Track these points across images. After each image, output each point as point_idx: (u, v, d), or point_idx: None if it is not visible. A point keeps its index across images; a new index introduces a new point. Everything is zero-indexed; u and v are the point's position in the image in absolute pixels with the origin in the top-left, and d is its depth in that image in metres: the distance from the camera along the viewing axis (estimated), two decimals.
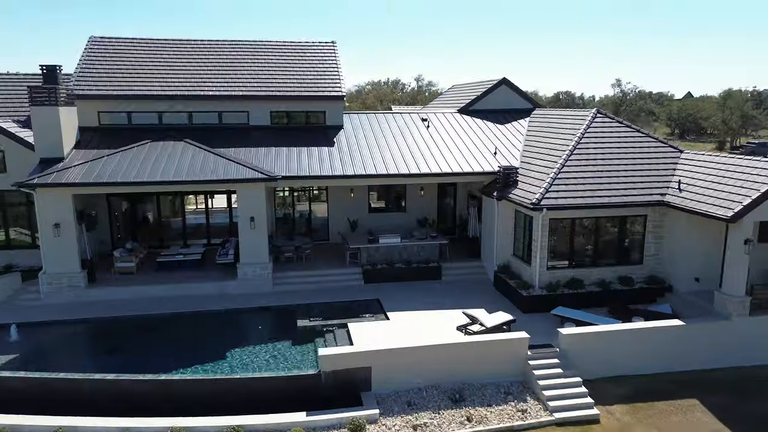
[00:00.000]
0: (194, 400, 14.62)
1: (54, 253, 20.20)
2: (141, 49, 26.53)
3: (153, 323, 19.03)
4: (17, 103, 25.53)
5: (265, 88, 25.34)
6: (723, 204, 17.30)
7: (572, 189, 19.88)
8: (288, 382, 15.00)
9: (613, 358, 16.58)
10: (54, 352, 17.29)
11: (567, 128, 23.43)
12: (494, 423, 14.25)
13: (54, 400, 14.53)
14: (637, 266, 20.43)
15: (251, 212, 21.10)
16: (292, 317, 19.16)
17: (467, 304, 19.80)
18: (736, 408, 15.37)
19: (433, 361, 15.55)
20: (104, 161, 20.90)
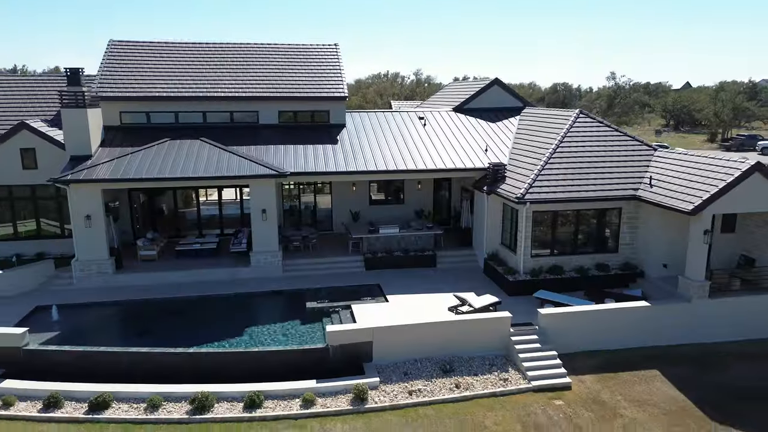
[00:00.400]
0: (219, 370, 16.77)
1: (85, 242, 22.31)
2: (157, 52, 28.47)
3: (176, 305, 21.19)
4: (43, 102, 27.48)
5: (273, 89, 27.33)
6: (686, 198, 19.38)
7: (554, 184, 21.93)
8: (300, 355, 17.17)
9: (586, 335, 18.73)
10: (90, 330, 19.42)
11: (552, 127, 25.45)
12: (479, 389, 16.43)
13: (96, 370, 16.70)
14: (613, 254, 22.56)
15: (263, 205, 23.19)
16: (302, 300, 21.31)
17: (459, 288, 21.95)
18: (693, 378, 17.54)
19: (427, 336, 17.71)
20: (128, 159, 22.95)
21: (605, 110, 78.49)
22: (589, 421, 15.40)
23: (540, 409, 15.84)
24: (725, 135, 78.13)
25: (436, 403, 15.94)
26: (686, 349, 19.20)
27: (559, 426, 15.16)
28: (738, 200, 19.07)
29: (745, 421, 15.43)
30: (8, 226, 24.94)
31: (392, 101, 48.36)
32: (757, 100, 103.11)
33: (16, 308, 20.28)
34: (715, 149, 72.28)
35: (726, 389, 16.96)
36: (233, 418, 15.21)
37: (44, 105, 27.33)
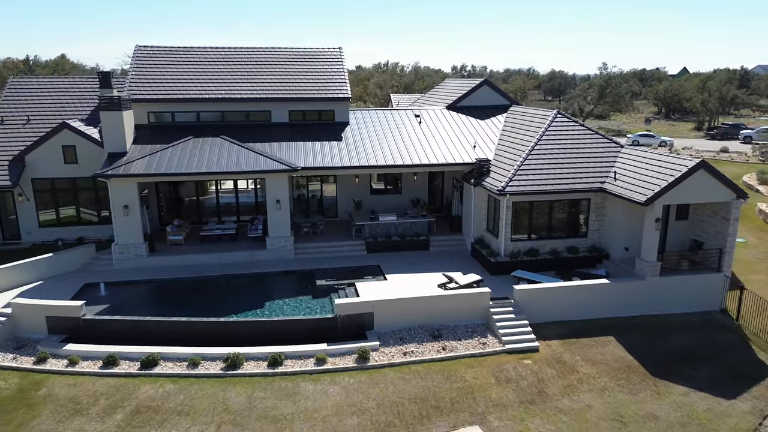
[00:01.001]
0: (246, 336, 20.14)
1: (123, 229, 25.61)
2: (179, 57, 31.54)
3: (203, 283, 24.57)
4: (78, 102, 30.65)
5: (284, 91, 30.44)
6: (641, 191, 22.64)
7: (532, 178, 25.17)
8: (313, 323, 20.57)
9: (554, 307, 22.10)
10: (132, 304, 22.75)
11: (532, 126, 28.62)
12: (462, 351, 19.85)
13: (142, 335, 20.07)
14: (582, 239, 25.89)
15: (277, 196, 26.45)
16: (312, 278, 24.68)
17: (448, 268, 25.30)
18: (641, 343, 20.93)
19: (419, 308, 21.09)
20: (159, 155, 26.17)
21: (597, 99, 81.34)
22: (551, 376, 18.84)
23: (511, 367, 19.28)
24: (711, 124, 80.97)
25: (426, 362, 19.37)
26: (639, 319, 22.58)
27: (525, 379, 18.60)
28: (685, 193, 22.35)
29: (676, 376, 18.87)
30: (51, 213, 28.22)
31: (392, 95, 51.35)
32: (746, 88, 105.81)
33: (68, 285, 23.67)
34: (701, 138, 75.36)
35: (667, 352, 20.38)
36: (259, 373, 18.63)
37: (79, 105, 30.51)
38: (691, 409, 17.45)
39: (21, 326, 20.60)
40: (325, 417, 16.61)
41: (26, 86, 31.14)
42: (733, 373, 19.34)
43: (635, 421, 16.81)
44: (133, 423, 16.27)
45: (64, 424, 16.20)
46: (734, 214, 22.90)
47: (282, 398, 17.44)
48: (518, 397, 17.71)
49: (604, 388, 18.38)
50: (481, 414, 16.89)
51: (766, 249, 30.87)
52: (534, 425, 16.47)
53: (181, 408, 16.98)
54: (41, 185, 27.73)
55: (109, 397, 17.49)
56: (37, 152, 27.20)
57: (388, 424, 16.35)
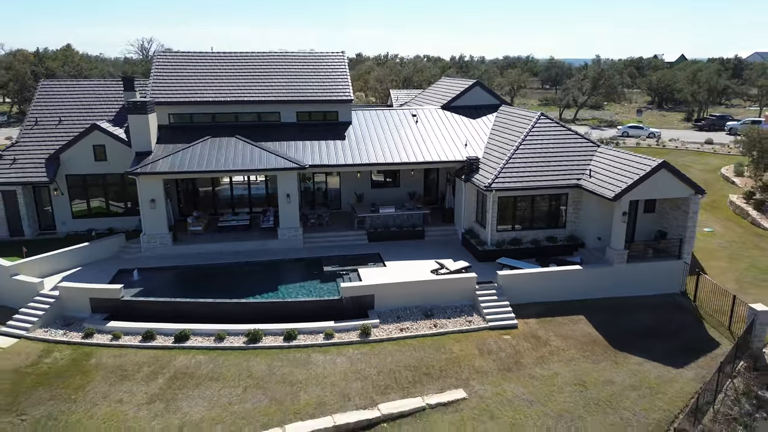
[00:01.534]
0: (263, 315, 23.22)
1: (150, 220, 28.61)
2: (195, 62, 34.33)
3: (222, 269, 27.61)
4: (104, 103, 33.47)
5: (292, 93, 33.28)
6: (611, 188, 25.62)
7: (516, 175, 28.12)
8: (322, 304, 23.66)
9: (533, 290, 25.17)
10: (162, 287, 25.77)
11: (518, 126, 31.51)
12: (450, 328, 22.97)
13: (174, 314, 23.14)
14: (560, 229, 28.91)
15: (287, 191, 29.41)
16: (320, 265, 27.75)
17: (440, 255, 28.37)
18: (607, 321, 24.02)
19: (414, 291, 24.18)
20: (181, 154, 29.09)
21: (591, 90, 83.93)
22: (526, 348, 21.99)
23: (492, 341, 22.42)
24: (699, 115, 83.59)
25: (419, 337, 22.51)
26: (607, 301, 25.67)
27: (504, 351, 21.75)
28: (649, 190, 25.34)
29: (635, 349, 22.01)
30: (83, 205, 31.18)
31: (391, 90, 54.09)
32: (738, 78, 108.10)
33: (104, 271, 26.73)
34: (689, 129, 78.10)
35: (629, 329, 23.50)
36: (277, 346, 21.77)
37: (105, 106, 33.35)
38: (643, 375, 20.60)
39: (67, 306, 23.71)
40: (334, 382, 19.76)
41: (56, 89, 33.95)
42: (684, 347, 22.47)
43: (595, 386, 19.97)
44: (173, 386, 19.43)
45: (116, 387, 19.37)
46: (693, 208, 25.89)
47: (297, 366, 20.59)
48: (497, 366, 20.87)
49: (572, 358, 21.53)
50: (465, 380, 20.04)
51: (730, 238, 33.90)
52: (509, 389, 19.64)
53: (211, 374, 20.13)
54: (74, 181, 30.67)
55: (150, 365, 20.65)
56: (70, 151, 30.10)
57: (387, 387, 19.51)
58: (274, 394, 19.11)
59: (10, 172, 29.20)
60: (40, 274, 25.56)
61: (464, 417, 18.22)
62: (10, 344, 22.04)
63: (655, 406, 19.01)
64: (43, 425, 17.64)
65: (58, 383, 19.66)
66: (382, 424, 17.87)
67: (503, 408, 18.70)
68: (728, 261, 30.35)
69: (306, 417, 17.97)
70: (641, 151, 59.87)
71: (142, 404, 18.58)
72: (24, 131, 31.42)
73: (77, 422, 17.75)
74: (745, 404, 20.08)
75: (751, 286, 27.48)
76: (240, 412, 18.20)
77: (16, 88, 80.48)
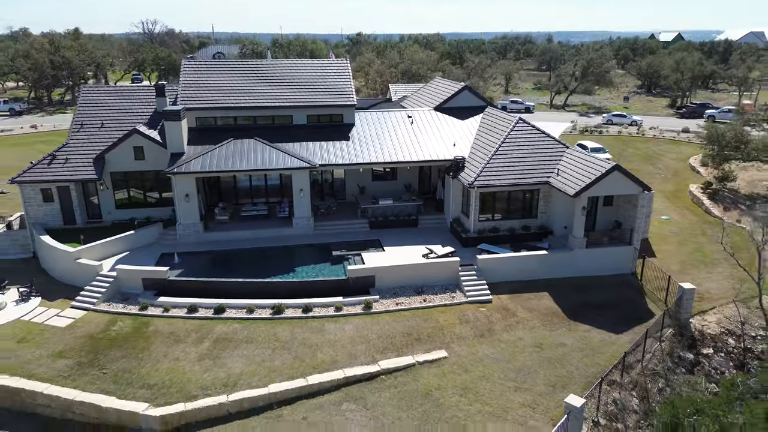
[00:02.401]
0: (285, 292, 28.45)
1: (184, 212, 33.67)
2: (218, 70, 39.05)
3: (246, 253, 32.73)
4: (139, 107, 38.24)
5: (303, 99, 38.08)
6: (572, 186, 30.64)
7: (496, 173, 33.06)
8: (332, 283, 28.86)
9: (507, 271, 30.33)
10: (199, 268, 30.91)
11: (499, 128, 36.37)
12: (437, 302, 28.23)
13: (212, 291, 28.36)
14: (533, 219, 34.00)
15: (300, 186, 34.40)
16: (329, 250, 32.88)
17: (431, 241, 33.50)
18: (567, 297, 29.23)
19: (408, 272, 29.37)
20: (209, 155, 34.02)
21: (580, 77, 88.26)
22: (497, 319, 27.27)
23: (470, 313, 27.69)
24: (682, 102, 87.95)
25: (411, 309, 27.77)
26: (569, 280, 30.84)
27: (479, 321, 27.02)
28: (604, 188, 30.40)
29: (585, 319, 27.26)
30: (124, 197, 36.19)
31: (390, 85, 58.70)
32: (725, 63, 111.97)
33: (149, 255, 31.91)
34: (671, 116, 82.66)
35: (583, 303, 28.73)
36: (296, 317, 27.03)
37: (140, 110, 38.14)
38: (589, 340, 25.92)
39: (124, 285, 28.95)
40: (343, 344, 25.07)
41: (96, 95, 38.72)
42: (626, 317, 27.73)
43: (550, 348, 25.29)
44: (217, 347, 24.76)
45: (172, 348, 24.70)
46: (641, 203, 30.94)
47: (313, 333, 25.89)
48: (473, 333, 26.18)
49: (534, 326, 26.84)
50: (447, 343, 25.36)
51: (684, 225, 39.02)
52: (481, 350, 24.96)
53: (246, 338, 25.44)
54: (117, 177, 35.60)
55: (197, 332, 25.96)
56: (113, 152, 34.99)
57: (385, 348, 24.83)
58: (297, 353, 24.44)
59: (64, 171, 34.15)
60: (97, 258, 30.75)
61: (445, 371, 23.57)
62: (80, 315, 27.33)
63: (594, 363, 24.33)
64: (120, 376, 23.00)
65: (125, 345, 24.99)
66: (381, 376, 23.21)
67: (476, 364, 24.04)
68: (677, 245, 35.54)
69: (323, 371, 23.28)
70: (622, 139, 64.82)
71: (194, 361, 23.92)
72: (71, 133, 36.25)
73: (147, 374, 23.11)
74: (668, 362, 25.48)
75: (692, 267, 32.72)
76: (271, 367, 23.53)
77: (35, 76, 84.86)
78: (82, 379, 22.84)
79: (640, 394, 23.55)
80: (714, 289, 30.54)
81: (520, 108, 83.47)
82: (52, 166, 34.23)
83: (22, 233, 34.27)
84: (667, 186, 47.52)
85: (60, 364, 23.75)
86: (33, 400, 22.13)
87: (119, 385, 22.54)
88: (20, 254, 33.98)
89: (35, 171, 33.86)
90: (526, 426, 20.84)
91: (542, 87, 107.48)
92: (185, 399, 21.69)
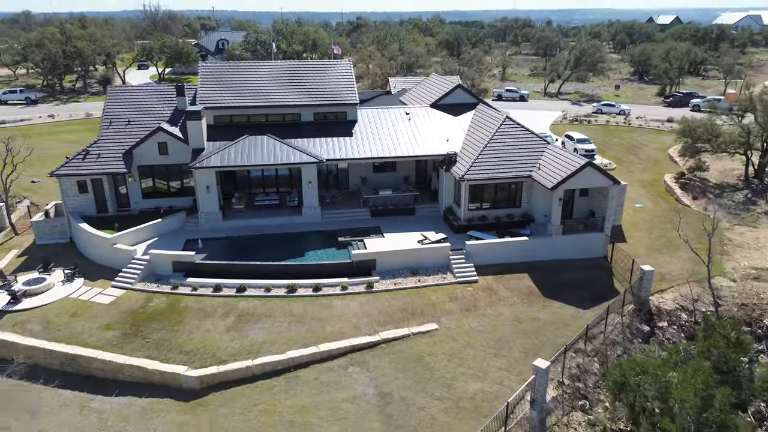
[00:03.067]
0: (297, 273, 32.58)
1: (205, 201, 37.69)
2: (232, 72, 42.77)
3: (261, 238, 36.76)
4: (161, 105, 42.02)
5: (310, 98, 41.86)
6: (551, 179, 34.59)
7: (484, 167, 36.97)
8: (338, 265, 32.96)
9: (491, 255, 34.40)
10: (221, 252, 35.00)
11: (488, 126, 40.19)
12: (430, 282, 32.38)
13: (234, 272, 32.49)
14: (517, 208, 38.02)
15: (309, 179, 38.35)
16: (335, 236, 36.95)
17: (426, 228, 37.55)
18: (544, 278, 33.32)
19: (405, 256, 33.48)
20: (227, 151, 37.92)
21: (573, 66, 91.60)
22: (482, 296, 31.44)
23: (459, 291, 31.85)
24: (670, 91, 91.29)
25: (407, 288, 31.93)
26: (547, 263, 34.90)
27: (466, 298, 31.18)
28: (578, 181, 34.37)
29: (559, 296, 31.42)
30: (150, 187, 40.14)
31: (390, 78, 62.34)
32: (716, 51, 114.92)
33: (175, 241, 35.99)
34: (659, 104, 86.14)
35: (558, 283, 32.86)
36: (308, 295, 31.19)
37: (161, 108, 41.91)
38: (561, 314, 30.11)
39: (155, 267, 33.07)
40: (348, 318, 29.26)
41: (121, 94, 42.50)
42: (595, 295, 31.86)
43: (526, 321, 29.49)
44: (241, 321, 28.96)
45: (203, 321, 28.91)
46: (611, 195, 34.92)
47: (323, 309, 30.06)
48: (460, 308, 30.36)
49: (513, 303, 31.02)
50: (437, 317, 29.55)
51: (656, 213, 43.02)
52: (467, 323, 29.16)
53: (265, 313, 29.63)
54: (144, 170, 39.52)
55: (223, 308, 30.12)
56: (140, 147, 38.87)
57: (384, 322, 29.03)
58: (309, 326, 28.65)
59: (97, 165, 38.08)
60: (130, 243, 34.85)
61: (435, 340, 27.81)
62: (121, 294, 31.50)
63: (563, 334, 28.53)
64: (161, 344, 27.24)
65: (162, 319, 29.19)
66: (381, 345, 27.45)
67: (461, 335, 28.27)
68: (646, 232, 39.63)
69: (331, 340, 27.50)
70: (609, 129, 68.54)
71: (222, 332, 28.14)
72: (102, 130, 40.07)
73: (183, 343, 27.34)
74: (627, 333, 29.71)
75: (656, 252, 36.83)
76: (287, 337, 27.76)
77: (48, 66, 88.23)
78: (128, 347, 27.09)
79: (600, 360, 27.80)
80: (674, 270, 34.65)
81: (514, 96, 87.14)
82: (86, 160, 38.16)
83: (60, 220, 38.28)
84: (646, 176, 51.45)
85: (108, 334, 27.99)
86: (89, 364, 26.39)
87: (160, 351, 26.81)
88: (58, 239, 38.03)
89: (71, 165, 37.78)
90: (502, 385, 25.11)
91: (538, 74, 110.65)
92: (217, 363, 25.97)
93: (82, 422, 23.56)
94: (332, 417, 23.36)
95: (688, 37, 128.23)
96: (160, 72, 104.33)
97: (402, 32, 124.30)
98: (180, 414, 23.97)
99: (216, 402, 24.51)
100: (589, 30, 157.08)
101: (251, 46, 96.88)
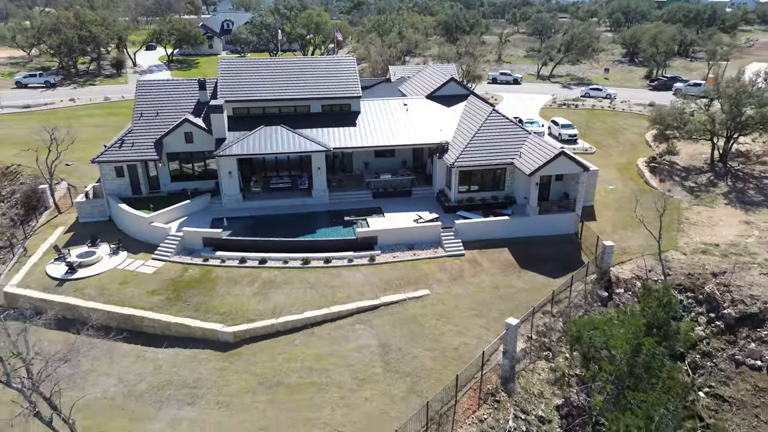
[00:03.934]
0: (310, 248, 38.06)
1: (228, 185, 43.01)
2: (249, 67, 47.68)
3: (277, 217, 42.17)
4: (185, 98, 47.01)
5: (318, 91, 46.86)
6: (529, 166, 39.86)
7: (472, 155, 42.17)
8: (345, 242, 38.44)
9: (477, 232, 39.84)
10: (243, 229, 40.38)
11: (477, 117, 45.26)
12: (423, 256, 37.88)
13: (256, 247, 37.94)
14: (501, 191, 43.36)
15: (318, 165, 43.59)
16: (341, 215, 42.36)
17: (421, 209, 42.93)
18: (521, 252, 38.78)
19: (402, 233, 38.94)
20: (246, 140, 43.07)
21: (564, 51, 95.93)
22: (467, 268, 36.98)
23: (448, 264, 37.38)
24: (656, 74, 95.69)
25: (404, 261, 37.45)
26: (524, 239, 40.33)
27: (454, 269, 36.73)
28: (553, 168, 39.70)
29: (533, 267, 36.95)
30: (177, 171, 45.41)
31: (390, 66, 67.10)
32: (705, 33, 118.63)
33: (203, 219, 41.42)
34: (645, 88, 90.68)
35: (533, 256, 38.33)
36: (320, 266, 36.70)
37: (186, 100, 46.93)
38: (534, 283, 35.68)
39: (188, 243, 38.53)
40: (355, 286, 34.84)
41: (150, 87, 47.50)
42: (564, 266, 37.30)
43: (504, 288, 35.09)
44: (264, 288, 34.54)
45: (232, 288, 34.50)
46: (582, 180, 40.23)
47: (333, 278, 35.61)
48: (448, 277, 35.92)
49: (494, 273, 36.57)
50: (429, 284, 35.12)
51: (625, 194, 48.28)
52: (454, 289, 34.76)
53: (284, 282, 35.19)
54: (172, 156, 44.74)
55: (248, 277, 35.66)
56: (169, 137, 44.02)
57: (385, 288, 34.63)
58: (322, 292, 34.23)
59: (132, 152, 43.29)
60: (164, 221, 40.27)
61: (426, 303, 33.44)
62: (160, 265, 37.02)
63: (535, 299, 34.09)
64: (199, 307, 32.87)
65: (198, 286, 34.76)
66: (382, 307, 33.07)
67: (449, 299, 33.89)
68: (614, 211, 45.01)
69: (341, 303, 33.11)
70: (595, 113, 73.41)
71: (249, 297, 33.74)
72: (134, 122, 45.15)
73: (217, 305, 32.97)
74: (589, 298, 35.34)
75: (622, 229, 42.25)
76: (304, 301, 33.36)
77: (65, 50, 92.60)
78: (172, 309, 32.72)
79: (564, 320, 33.45)
80: (634, 246, 40.10)
81: (508, 80, 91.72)
82: (122, 148, 43.36)
83: (100, 201, 43.62)
84: (622, 159, 56.62)
85: (155, 298, 33.60)
86: (141, 323, 32.03)
87: (199, 312, 32.43)
88: (99, 218, 43.41)
89: (110, 153, 43.01)
90: (481, 339, 30.76)
91: (533, 55, 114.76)
92: (247, 321, 31.61)
93: (142, 368, 29.27)
94: (343, 363, 29.06)
95: (680, 18, 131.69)
96: (168, 54, 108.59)
97: (402, 13, 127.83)
98: (219, 361, 29.65)
99: (247, 352, 30.19)
100: (587, 8, 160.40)
101: (256, 29, 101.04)
